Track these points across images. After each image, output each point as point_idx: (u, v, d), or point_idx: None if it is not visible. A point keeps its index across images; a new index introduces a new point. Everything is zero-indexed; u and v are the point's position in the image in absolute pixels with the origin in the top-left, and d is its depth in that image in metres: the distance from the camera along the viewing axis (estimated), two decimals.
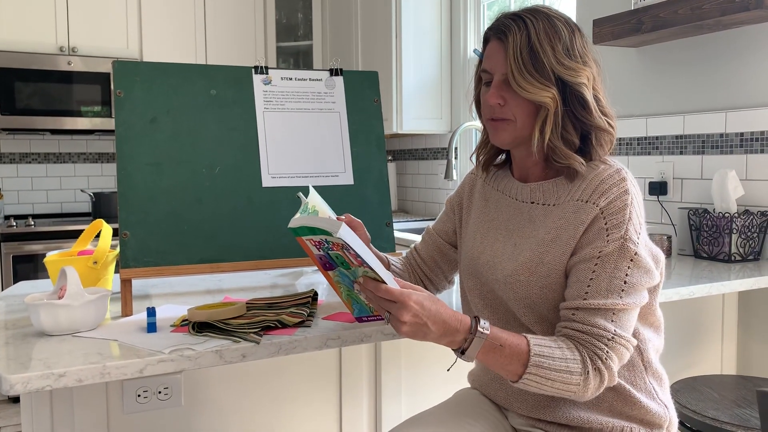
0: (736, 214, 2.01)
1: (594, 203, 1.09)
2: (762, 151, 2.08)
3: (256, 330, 1.20)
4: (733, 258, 2.00)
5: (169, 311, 1.39)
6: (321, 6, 4.27)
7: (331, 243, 1.02)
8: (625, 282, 1.06)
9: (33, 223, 3.57)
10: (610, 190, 1.09)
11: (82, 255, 1.51)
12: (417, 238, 2.86)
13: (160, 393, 1.41)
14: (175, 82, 1.51)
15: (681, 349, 2.05)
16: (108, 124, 3.79)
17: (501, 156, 1.31)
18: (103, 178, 4.24)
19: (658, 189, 2.37)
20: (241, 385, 1.52)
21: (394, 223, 3.53)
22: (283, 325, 1.24)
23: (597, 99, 1.13)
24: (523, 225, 1.18)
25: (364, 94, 1.68)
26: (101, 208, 3.88)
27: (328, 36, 4.23)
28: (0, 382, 0.99)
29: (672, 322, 2.01)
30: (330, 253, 1.06)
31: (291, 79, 1.62)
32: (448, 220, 1.39)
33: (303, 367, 1.59)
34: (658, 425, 1.16)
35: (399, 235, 3.04)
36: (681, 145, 2.33)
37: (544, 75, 1.09)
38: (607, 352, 1.04)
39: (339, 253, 1.03)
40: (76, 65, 3.70)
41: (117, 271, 1.50)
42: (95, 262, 1.45)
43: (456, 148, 3.63)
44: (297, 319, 1.25)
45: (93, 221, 1.59)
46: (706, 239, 2.06)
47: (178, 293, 1.60)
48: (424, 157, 3.99)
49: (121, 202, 1.41)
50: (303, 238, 1.10)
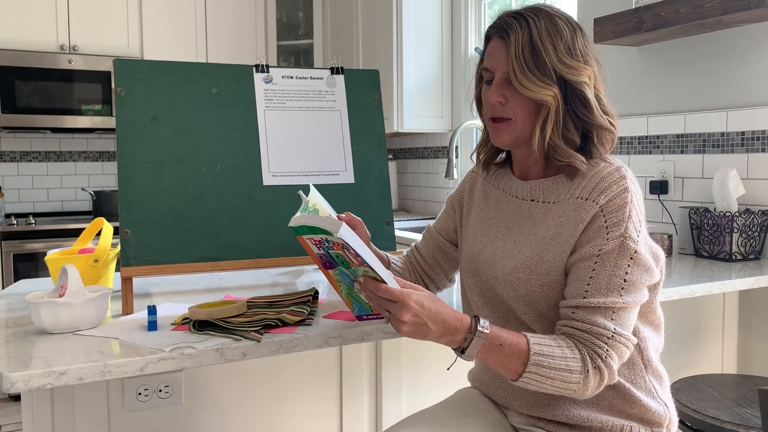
0: (737, 213, 2.01)
1: (594, 201, 1.09)
2: (763, 150, 2.08)
3: (256, 328, 1.21)
4: (733, 257, 2.00)
5: (170, 309, 1.39)
6: (322, 4, 4.27)
7: (331, 242, 1.02)
8: (625, 280, 1.06)
9: (34, 221, 3.57)
10: (610, 188, 1.09)
11: (83, 253, 1.51)
12: (418, 236, 2.86)
13: (160, 391, 1.41)
14: (176, 80, 1.51)
15: (682, 348, 2.05)
16: (109, 122, 3.79)
17: (501, 155, 1.31)
18: (104, 176, 4.25)
19: (659, 188, 2.37)
20: (241, 384, 1.53)
21: (395, 222, 3.53)
22: (284, 324, 1.25)
23: (598, 98, 1.13)
24: (523, 223, 1.18)
25: (365, 93, 1.68)
26: (102, 206, 3.88)
27: (329, 34, 4.22)
28: (1, 380, 0.99)
29: (673, 321, 2.01)
30: (330, 252, 1.06)
31: (292, 77, 1.62)
32: (449, 219, 1.39)
33: (303, 366, 1.59)
34: (658, 424, 1.16)
35: (400, 233, 3.04)
36: (682, 144, 2.33)
37: (546, 73, 1.09)
38: (606, 351, 1.04)
39: (339, 252, 1.03)
40: (77, 63, 3.70)
41: (118, 269, 1.50)
42: (96, 261, 1.45)
43: (457, 147, 3.63)
44: (297, 318, 1.25)
45: (94, 220, 1.59)
46: (707, 238, 2.06)
47: (179, 292, 1.60)
48: (424, 156, 3.99)
49: (122, 200, 1.41)
50: (303, 237, 1.10)
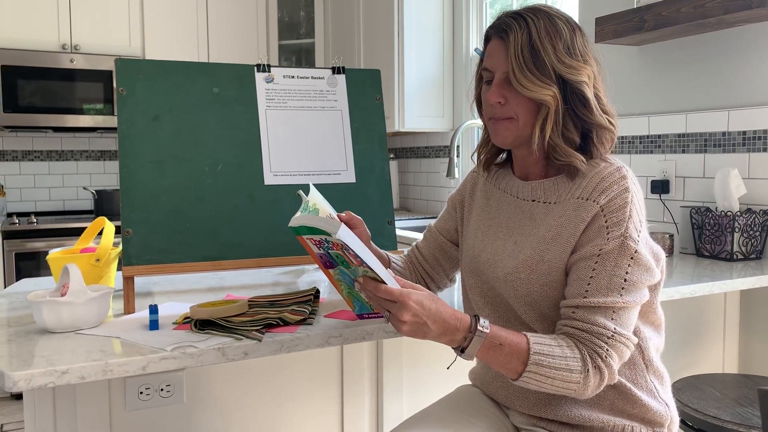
0: (739, 213, 2.01)
1: (594, 201, 1.09)
2: (764, 150, 2.07)
3: (258, 328, 1.21)
4: (735, 257, 2.00)
5: (172, 309, 1.39)
6: (323, 4, 4.27)
7: (330, 242, 1.03)
8: (626, 280, 1.06)
9: (35, 220, 3.58)
10: (611, 188, 1.09)
11: (85, 252, 1.52)
12: (419, 236, 2.86)
13: (162, 390, 1.41)
14: (178, 79, 1.51)
15: (683, 347, 2.05)
16: (110, 121, 3.80)
17: (502, 155, 1.31)
18: (106, 175, 4.25)
19: (660, 187, 2.37)
20: (243, 383, 1.53)
21: (396, 221, 3.53)
22: (285, 323, 1.25)
23: (598, 97, 1.13)
24: (523, 223, 1.19)
25: (366, 92, 1.69)
26: (103, 205, 3.89)
27: (330, 34, 4.23)
28: (3, 379, 1.00)
29: (674, 321, 2.01)
30: (330, 252, 1.06)
31: (293, 77, 1.62)
32: (450, 218, 1.39)
33: (305, 365, 1.59)
34: (659, 424, 1.16)
35: (401, 233, 3.05)
36: (683, 143, 2.33)
37: (545, 73, 1.09)
38: (607, 350, 1.04)
39: (339, 252, 1.04)
40: (79, 63, 3.71)
41: (119, 268, 1.50)
42: (98, 260, 1.46)
43: (458, 146, 3.63)
44: (299, 317, 1.25)
45: (95, 219, 1.60)
46: (708, 238, 2.06)
47: (181, 291, 1.61)
48: (426, 155, 3.99)
49: (124, 199, 1.42)
50: (303, 237, 1.10)
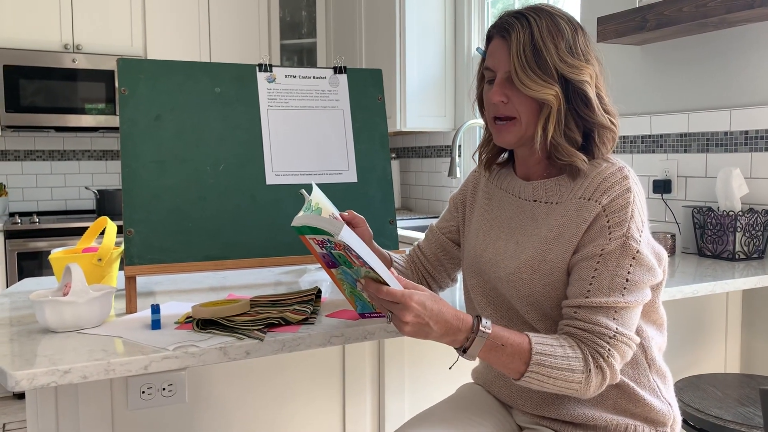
0: (741, 213, 2.00)
1: (596, 201, 1.09)
2: (766, 149, 2.07)
3: (259, 327, 1.21)
4: (737, 256, 2.00)
5: (173, 308, 1.40)
6: (325, 4, 4.28)
7: (333, 243, 1.03)
8: (627, 280, 1.06)
9: (37, 220, 3.58)
10: (612, 188, 1.09)
11: (87, 252, 1.52)
12: (420, 235, 2.87)
13: (164, 390, 1.41)
14: (180, 79, 1.51)
15: (685, 347, 2.05)
16: (112, 121, 3.80)
17: (503, 155, 1.31)
18: (108, 175, 4.26)
19: (662, 187, 2.36)
20: (244, 382, 1.53)
21: (398, 221, 3.53)
22: (287, 323, 1.25)
23: (600, 97, 1.14)
24: (525, 223, 1.19)
25: (368, 92, 1.69)
26: (105, 205, 3.89)
27: (331, 34, 4.23)
28: (6, 378, 1.00)
29: (676, 321, 2.00)
30: (333, 252, 1.07)
31: (295, 76, 1.62)
32: (452, 218, 1.39)
33: (306, 365, 1.59)
34: (661, 423, 1.16)
35: (402, 232, 3.05)
36: (685, 143, 2.32)
37: (547, 72, 1.09)
38: (609, 350, 1.04)
39: (341, 252, 1.04)
40: (81, 63, 3.71)
41: (121, 268, 1.50)
42: (100, 260, 1.46)
43: (460, 146, 3.63)
44: (300, 317, 1.25)
45: (97, 218, 1.60)
46: (710, 237, 2.06)
47: (182, 290, 1.61)
48: (427, 155, 3.99)
49: (126, 199, 1.42)
50: (306, 237, 1.10)
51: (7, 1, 3.61)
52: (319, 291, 1.39)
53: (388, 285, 1.01)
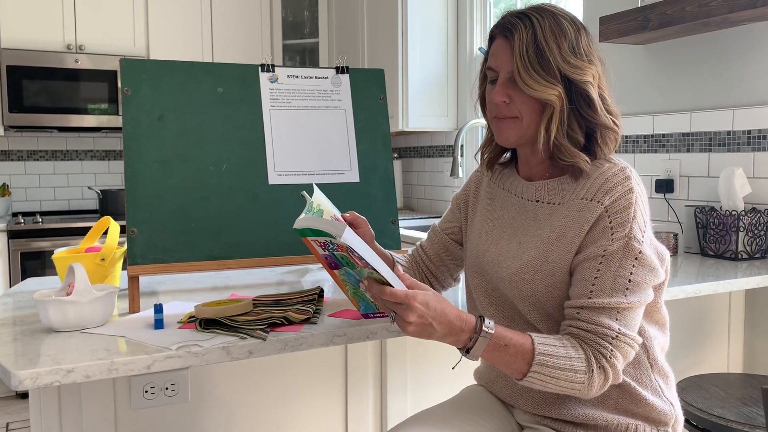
0: (743, 212, 2.00)
1: (598, 202, 1.09)
2: None
3: (262, 327, 1.21)
4: (739, 256, 1.99)
5: (176, 308, 1.40)
6: (327, 4, 4.28)
7: (335, 244, 1.03)
8: (630, 280, 1.06)
9: (41, 220, 3.59)
10: (615, 188, 1.09)
11: (90, 252, 1.52)
12: (422, 235, 2.87)
13: (167, 389, 1.41)
14: (182, 79, 1.51)
15: (687, 347, 2.05)
16: (115, 121, 3.81)
17: (506, 154, 1.31)
18: (110, 175, 4.26)
19: (664, 187, 2.36)
20: (247, 382, 1.53)
21: (400, 221, 3.53)
22: (290, 322, 1.25)
23: (602, 97, 1.13)
24: (528, 223, 1.19)
25: (370, 92, 1.69)
26: (108, 205, 3.90)
27: (334, 34, 4.23)
28: (9, 377, 1.00)
29: (679, 320, 2.00)
30: (335, 253, 1.07)
31: (297, 76, 1.62)
32: (454, 218, 1.39)
33: (309, 364, 1.59)
34: (663, 423, 1.16)
35: (404, 232, 3.05)
36: (688, 142, 2.32)
37: (550, 73, 1.09)
38: (611, 351, 1.04)
39: (344, 254, 1.04)
40: (84, 63, 3.72)
41: (124, 267, 1.51)
42: (103, 259, 1.46)
43: (462, 146, 3.63)
44: (303, 316, 1.26)
45: (100, 218, 1.60)
46: (713, 237, 2.06)
47: (185, 290, 1.61)
48: (429, 155, 3.99)
49: (129, 199, 1.42)
50: (308, 239, 1.10)
51: (10, 2, 3.61)
52: (322, 291, 1.39)
53: (391, 285, 1.01)
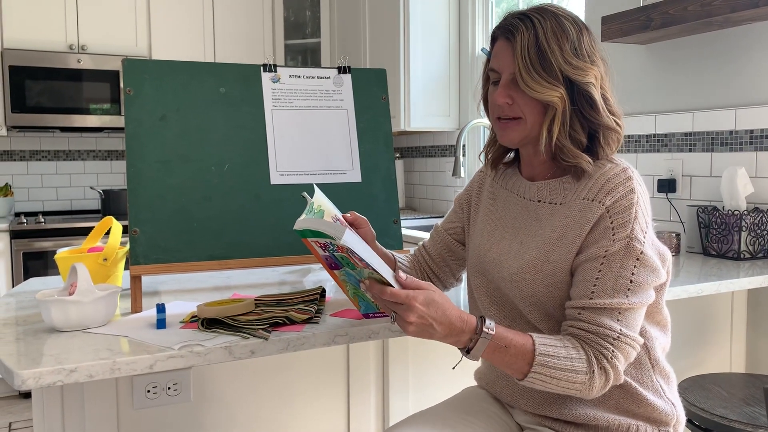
0: (746, 212, 2.00)
1: (600, 202, 1.09)
2: None
3: (264, 326, 1.21)
4: (742, 256, 1.99)
5: (179, 308, 1.40)
6: (329, 4, 4.28)
7: (335, 245, 1.03)
8: (631, 281, 1.06)
9: (43, 220, 3.60)
10: (616, 189, 1.08)
11: (92, 252, 1.53)
12: (425, 235, 2.87)
13: (169, 389, 1.42)
14: (185, 79, 1.52)
15: (690, 347, 2.04)
16: (117, 121, 3.81)
17: (509, 154, 1.31)
18: (113, 175, 4.27)
19: (666, 186, 2.36)
20: (249, 381, 1.53)
21: (402, 221, 3.52)
22: (292, 322, 1.25)
23: (605, 98, 1.13)
24: (529, 223, 1.19)
25: (372, 92, 1.69)
26: (111, 205, 3.90)
27: (336, 33, 4.23)
28: (12, 377, 1.01)
29: (681, 320, 2.00)
30: (335, 254, 1.07)
31: (299, 77, 1.62)
32: (457, 218, 1.39)
33: (311, 364, 1.60)
34: (665, 423, 1.16)
35: (406, 232, 3.05)
36: (690, 142, 2.32)
37: (552, 74, 1.09)
38: (612, 351, 1.04)
39: (344, 255, 1.04)
40: (86, 63, 3.72)
41: (127, 267, 1.51)
42: (105, 259, 1.47)
43: (464, 146, 3.63)
44: (305, 316, 1.26)
45: (103, 218, 1.60)
46: (715, 237, 2.06)
47: (187, 290, 1.61)
48: (432, 155, 3.99)
49: (131, 199, 1.42)
50: (308, 240, 1.10)
51: (12, 2, 3.62)
52: (324, 290, 1.39)
53: (392, 286, 1.01)
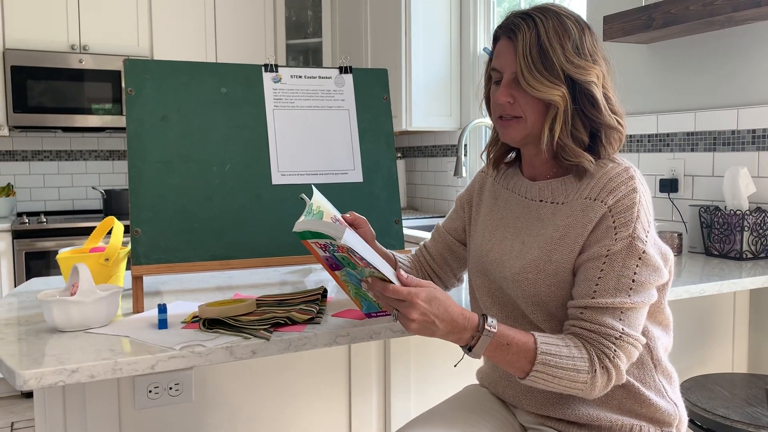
0: (748, 212, 2.00)
1: (602, 201, 1.09)
2: None
3: (266, 327, 1.21)
4: (744, 256, 1.99)
5: (180, 308, 1.40)
6: (330, 3, 4.28)
7: (336, 246, 1.03)
8: (634, 281, 1.06)
9: (45, 220, 3.60)
10: (618, 188, 1.08)
11: (94, 252, 1.53)
12: (426, 235, 2.87)
13: (171, 389, 1.42)
14: (186, 80, 1.52)
15: (692, 347, 2.04)
16: (119, 121, 3.81)
17: (511, 154, 1.31)
18: (114, 175, 4.27)
19: (668, 186, 2.36)
20: (251, 382, 1.53)
21: (403, 221, 3.53)
22: (293, 322, 1.25)
23: (607, 97, 1.13)
24: (531, 223, 1.18)
25: (374, 92, 1.69)
26: (112, 205, 3.91)
27: (337, 33, 4.23)
28: (14, 377, 1.01)
29: (683, 320, 2.00)
30: (336, 255, 1.07)
31: (301, 77, 1.62)
32: (458, 218, 1.39)
33: (312, 364, 1.60)
34: (667, 423, 1.16)
35: (408, 232, 3.05)
36: (692, 141, 2.32)
37: (554, 73, 1.09)
38: (614, 351, 1.04)
39: (345, 255, 1.04)
40: (88, 63, 3.73)
41: (128, 267, 1.51)
42: (107, 259, 1.47)
43: (465, 145, 3.62)
44: (306, 316, 1.26)
45: (104, 218, 1.60)
46: (717, 237, 2.05)
47: (189, 290, 1.61)
48: (433, 155, 3.99)
49: (133, 199, 1.42)
50: (308, 241, 1.10)
51: (14, 2, 3.62)
52: (325, 290, 1.39)
53: (393, 283, 1.01)
